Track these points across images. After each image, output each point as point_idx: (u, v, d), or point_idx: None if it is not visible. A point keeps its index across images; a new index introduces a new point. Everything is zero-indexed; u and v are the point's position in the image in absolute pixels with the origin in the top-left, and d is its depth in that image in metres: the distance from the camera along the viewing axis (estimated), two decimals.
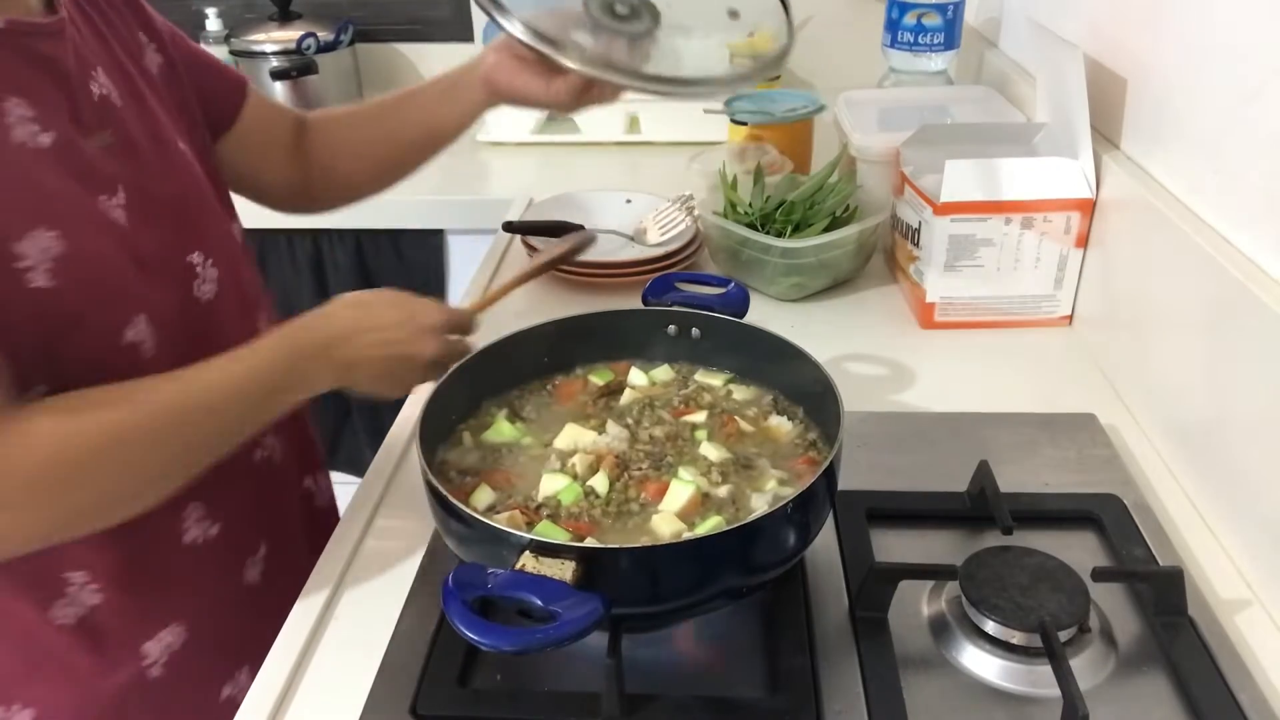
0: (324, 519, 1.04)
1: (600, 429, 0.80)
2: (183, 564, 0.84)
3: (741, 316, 0.89)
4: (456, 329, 0.84)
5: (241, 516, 0.88)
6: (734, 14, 0.97)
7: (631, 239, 1.30)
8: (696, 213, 1.28)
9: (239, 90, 0.97)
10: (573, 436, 0.79)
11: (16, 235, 0.67)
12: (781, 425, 0.81)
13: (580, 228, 1.31)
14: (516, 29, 0.83)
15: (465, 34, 2.10)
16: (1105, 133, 1.09)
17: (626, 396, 0.85)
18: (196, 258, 0.83)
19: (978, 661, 0.70)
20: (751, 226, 1.20)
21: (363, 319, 0.80)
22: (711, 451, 0.77)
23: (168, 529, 0.82)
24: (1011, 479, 0.83)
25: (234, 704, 0.73)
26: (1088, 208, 1.08)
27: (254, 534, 0.91)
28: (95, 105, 0.76)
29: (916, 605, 0.75)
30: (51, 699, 0.80)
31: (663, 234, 1.30)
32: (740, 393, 0.86)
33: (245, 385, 0.75)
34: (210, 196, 0.87)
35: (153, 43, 0.87)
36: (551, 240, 1.29)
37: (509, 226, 1.32)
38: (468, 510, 0.65)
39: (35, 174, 0.69)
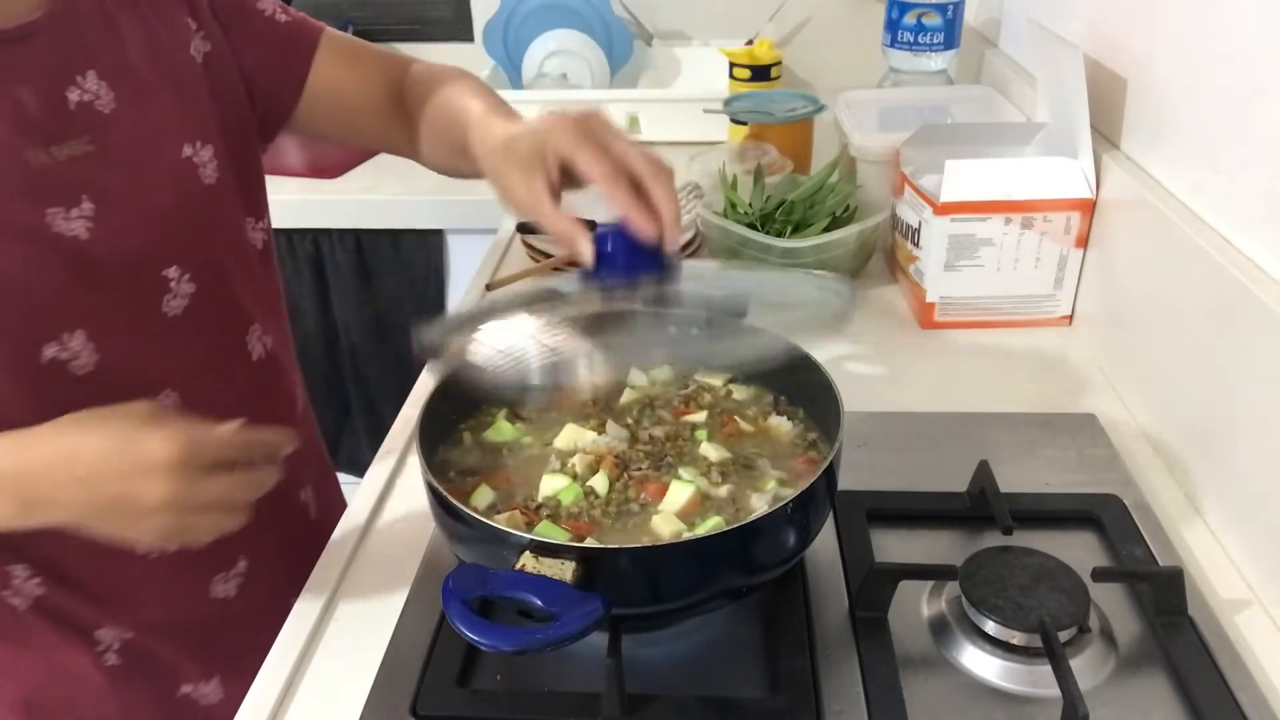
0: (315, 533, 0.99)
1: (600, 429, 0.80)
2: (134, 573, 0.82)
3: (742, 317, 0.89)
4: (208, 461, 0.66)
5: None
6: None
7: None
8: (706, 199, 1.28)
9: (300, 61, 0.90)
10: (572, 436, 0.79)
11: None
12: (781, 425, 0.81)
13: (591, 224, 1.31)
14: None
15: (465, 34, 2.10)
16: (1105, 133, 1.09)
17: (626, 396, 0.85)
18: (173, 271, 0.80)
19: (978, 661, 0.70)
20: (751, 226, 1.20)
21: (63, 447, 0.66)
22: (711, 451, 0.77)
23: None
24: (1011, 479, 0.83)
25: (190, 701, 0.72)
26: (1088, 208, 1.08)
27: (230, 550, 0.88)
28: (70, 113, 0.74)
29: (916, 605, 0.75)
30: (11, 670, 0.81)
31: None
32: (740, 393, 0.86)
33: None
34: (216, 206, 0.84)
35: (201, 29, 0.83)
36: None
37: (523, 228, 1.32)
38: (468, 510, 0.65)
39: None
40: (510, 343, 0.72)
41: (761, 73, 1.66)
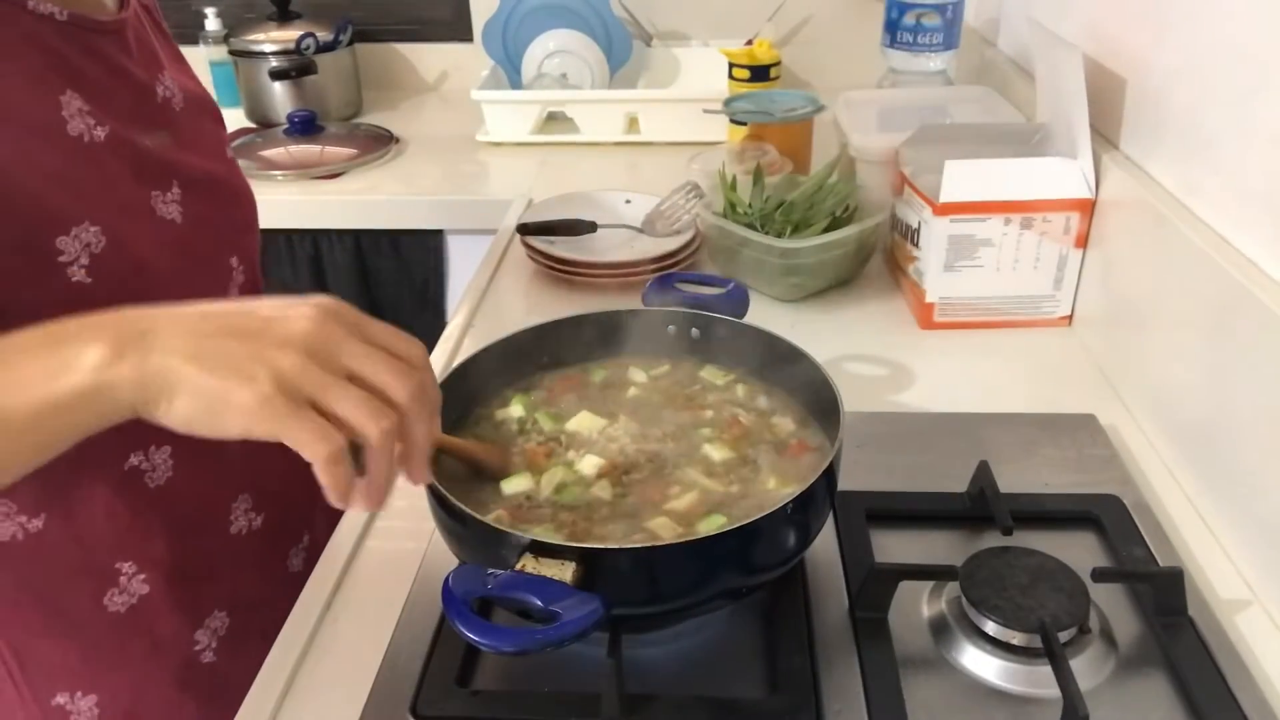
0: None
1: (601, 427, 0.80)
2: (227, 553, 0.86)
3: (741, 317, 0.89)
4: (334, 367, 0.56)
5: (289, 507, 0.91)
6: None
7: (640, 230, 1.31)
8: (706, 199, 1.28)
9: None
10: (574, 430, 0.79)
11: (62, 229, 0.67)
12: (782, 425, 0.81)
13: (592, 225, 1.31)
14: None
15: (465, 34, 2.10)
16: (1105, 133, 1.09)
17: (629, 394, 0.85)
18: (235, 262, 0.84)
19: (978, 662, 0.70)
20: (751, 227, 1.20)
21: (211, 304, 0.58)
22: (713, 451, 0.77)
23: (216, 519, 0.85)
24: (1011, 479, 0.83)
25: None
26: (1087, 208, 1.08)
27: (299, 524, 0.94)
28: (159, 105, 0.78)
29: (916, 605, 0.75)
30: (110, 685, 0.82)
31: (672, 226, 1.31)
32: (741, 392, 0.86)
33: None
34: (251, 212, 0.90)
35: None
36: (556, 240, 1.30)
37: (524, 229, 1.32)
38: (467, 511, 0.65)
39: (87, 167, 0.70)
40: None
41: (761, 73, 1.66)
